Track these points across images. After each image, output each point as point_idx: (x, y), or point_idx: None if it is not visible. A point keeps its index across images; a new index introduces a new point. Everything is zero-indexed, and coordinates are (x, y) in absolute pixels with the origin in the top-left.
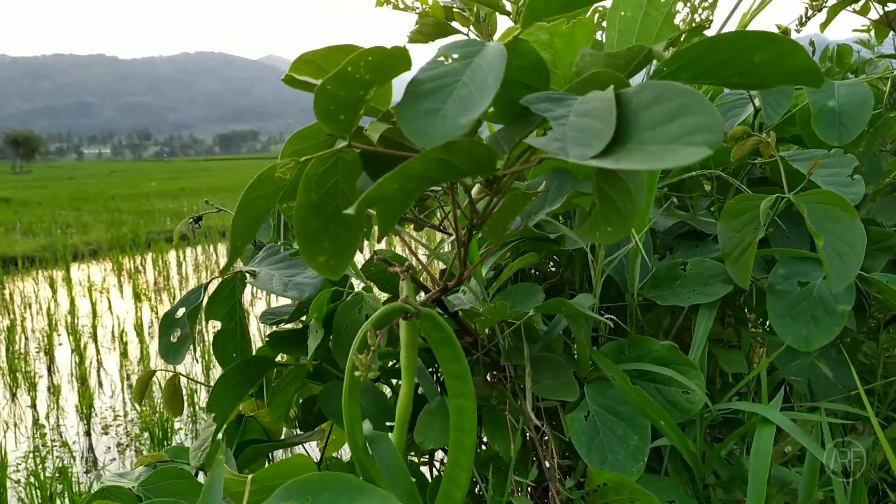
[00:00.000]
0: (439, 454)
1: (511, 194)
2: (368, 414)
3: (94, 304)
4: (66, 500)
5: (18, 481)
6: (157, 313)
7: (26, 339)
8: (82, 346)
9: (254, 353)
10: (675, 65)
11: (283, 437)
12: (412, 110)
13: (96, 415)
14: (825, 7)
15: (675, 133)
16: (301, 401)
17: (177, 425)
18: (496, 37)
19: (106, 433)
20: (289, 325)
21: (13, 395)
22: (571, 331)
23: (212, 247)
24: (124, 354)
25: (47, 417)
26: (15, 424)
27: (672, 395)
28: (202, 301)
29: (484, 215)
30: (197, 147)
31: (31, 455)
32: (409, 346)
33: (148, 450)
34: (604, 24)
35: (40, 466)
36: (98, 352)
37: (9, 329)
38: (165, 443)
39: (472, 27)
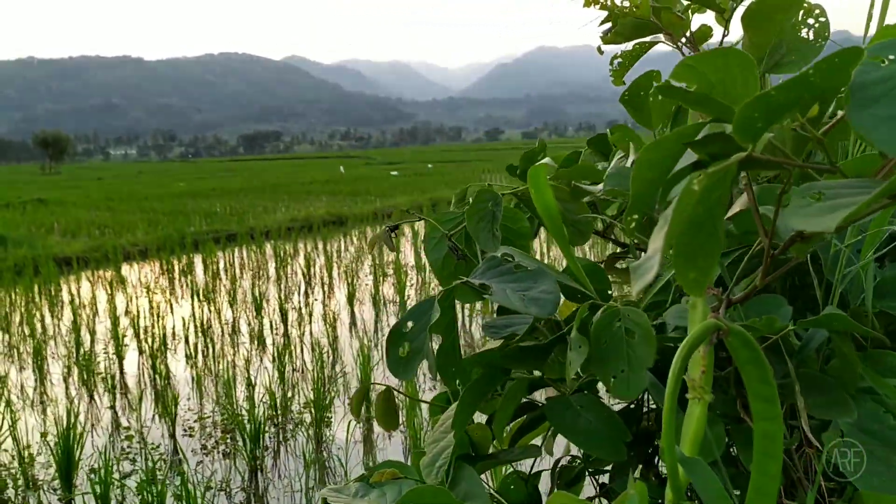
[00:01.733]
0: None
1: None
2: (597, 431)
3: (157, 306)
4: (182, 502)
5: (113, 482)
6: (219, 314)
7: (93, 340)
8: (152, 347)
9: None
10: None
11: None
12: (869, 116)
13: (178, 415)
14: None
15: None
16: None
17: (265, 426)
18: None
19: (190, 435)
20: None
21: (91, 397)
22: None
23: (257, 247)
24: (192, 356)
25: (137, 419)
26: (93, 426)
27: None
28: (432, 315)
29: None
30: (221, 147)
31: (122, 457)
32: (709, 366)
33: (233, 450)
34: None
35: (148, 468)
36: (166, 353)
37: (76, 331)
38: (257, 445)
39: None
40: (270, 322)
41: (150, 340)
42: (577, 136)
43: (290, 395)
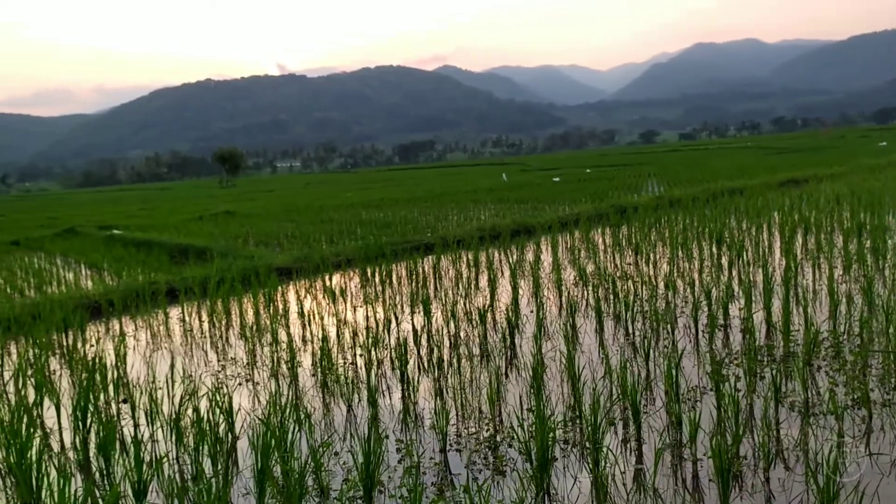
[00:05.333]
0: None
1: None
2: None
3: (383, 317)
4: None
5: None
6: (447, 324)
7: (327, 352)
8: (397, 359)
9: None
10: None
11: None
12: None
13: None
14: None
15: None
16: None
17: (557, 451)
18: None
19: (458, 450)
20: None
21: (349, 408)
22: None
23: (455, 257)
24: (432, 368)
25: (403, 433)
26: (352, 436)
27: None
28: None
29: None
30: (377, 157)
31: (408, 473)
32: None
33: (510, 468)
34: None
35: (428, 483)
36: (408, 364)
37: (322, 341)
38: (545, 467)
39: None
40: (503, 335)
41: (390, 351)
42: (739, 136)
43: (550, 413)
